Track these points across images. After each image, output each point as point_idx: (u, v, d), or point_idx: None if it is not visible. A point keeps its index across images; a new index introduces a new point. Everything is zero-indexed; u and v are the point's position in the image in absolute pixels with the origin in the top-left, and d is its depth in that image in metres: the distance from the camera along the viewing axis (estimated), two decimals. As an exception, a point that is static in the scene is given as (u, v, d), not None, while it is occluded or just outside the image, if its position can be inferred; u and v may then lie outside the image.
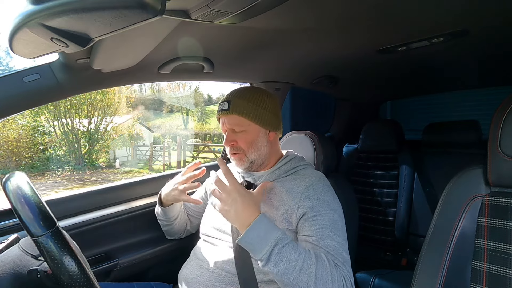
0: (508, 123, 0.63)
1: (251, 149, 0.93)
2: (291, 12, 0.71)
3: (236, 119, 0.92)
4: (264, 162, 0.97)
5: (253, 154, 0.94)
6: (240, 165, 0.96)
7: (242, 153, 0.93)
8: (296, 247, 0.72)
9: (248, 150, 0.93)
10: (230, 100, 0.93)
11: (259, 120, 0.93)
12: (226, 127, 0.95)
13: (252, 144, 0.93)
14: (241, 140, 0.93)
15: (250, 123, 0.92)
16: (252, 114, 0.92)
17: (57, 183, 10.26)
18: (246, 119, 0.92)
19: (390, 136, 1.70)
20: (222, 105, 0.94)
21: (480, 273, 0.65)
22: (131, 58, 0.89)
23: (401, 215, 1.59)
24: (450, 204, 0.73)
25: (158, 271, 1.25)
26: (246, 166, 0.95)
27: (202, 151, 14.04)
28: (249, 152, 0.93)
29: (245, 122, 0.92)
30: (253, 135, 0.93)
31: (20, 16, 0.44)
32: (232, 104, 0.92)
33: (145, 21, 0.43)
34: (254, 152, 0.94)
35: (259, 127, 0.94)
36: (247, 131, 0.93)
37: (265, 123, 0.94)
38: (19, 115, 9.21)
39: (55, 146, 11.86)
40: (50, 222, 0.56)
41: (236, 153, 0.94)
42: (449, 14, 0.76)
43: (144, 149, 14.69)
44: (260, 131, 0.94)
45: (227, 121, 0.94)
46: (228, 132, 0.95)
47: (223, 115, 0.94)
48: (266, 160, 0.97)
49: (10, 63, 14.97)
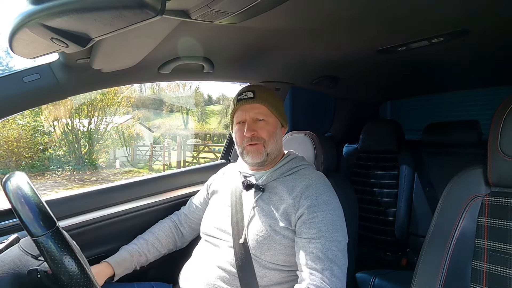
0: (508, 123, 0.64)
1: (271, 140, 0.94)
2: (291, 12, 0.71)
3: (261, 109, 0.94)
4: (275, 158, 0.97)
5: (271, 146, 0.94)
6: (256, 157, 0.94)
7: (261, 143, 0.93)
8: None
9: (268, 140, 0.94)
10: (255, 90, 0.95)
11: (279, 113, 0.97)
12: (247, 116, 0.95)
13: (272, 135, 0.94)
14: (262, 130, 0.94)
15: (271, 114, 0.95)
16: (275, 106, 0.95)
17: (57, 183, 10.25)
18: (269, 110, 0.94)
19: (390, 136, 1.70)
20: (245, 94, 0.95)
21: (480, 273, 0.65)
22: (131, 58, 0.89)
23: (401, 215, 1.59)
24: (450, 204, 0.73)
25: (158, 271, 1.25)
26: (262, 158, 0.94)
27: (202, 151, 14.02)
28: (269, 142, 0.94)
29: (268, 113, 0.95)
30: (274, 127, 0.96)
31: (20, 16, 0.44)
32: (257, 93, 0.94)
33: (145, 21, 0.43)
34: (273, 144, 0.95)
35: (277, 120, 0.97)
36: (268, 122, 0.95)
37: (282, 118, 0.99)
38: (19, 115, 9.21)
39: (55, 146, 11.86)
40: (50, 222, 0.56)
41: (255, 143, 0.93)
42: (449, 14, 0.76)
43: (144, 149, 14.68)
44: (278, 124, 0.98)
45: (251, 110, 0.94)
46: (249, 122, 0.94)
47: (247, 103, 0.95)
48: (277, 155, 0.98)
49: (10, 63, 14.97)
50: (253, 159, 0.95)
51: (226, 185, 1.05)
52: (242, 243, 0.87)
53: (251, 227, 0.89)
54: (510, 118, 0.63)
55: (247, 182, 0.95)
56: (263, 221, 0.87)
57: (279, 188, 0.91)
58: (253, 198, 0.93)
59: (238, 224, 0.91)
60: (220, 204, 1.01)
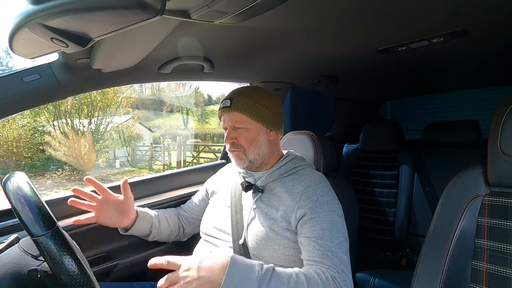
0: (508, 123, 0.64)
1: (251, 148, 0.93)
2: (291, 12, 0.71)
3: (238, 117, 0.93)
4: (263, 162, 0.97)
5: (253, 153, 0.93)
6: (238, 163, 0.96)
7: (242, 151, 0.93)
8: (282, 277, 0.67)
9: (248, 148, 0.93)
10: (232, 97, 0.93)
11: (260, 118, 0.93)
12: (227, 124, 0.95)
13: (252, 142, 0.93)
14: (241, 137, 0.93)
15: (251, 121, 0.93)
16: (254, 112, 0.92)
17: (57, 183, 10.24)
18: (247, 117, 0.92)
19: (390, 136, 1.70)
20: (224, 103, 0.95)
21: (480, 273, 0.65)
22: (131, 58, 0.89)
23: (401, 215, 1.59)
24: (450, 204, 0.73)
25: (158, 271, 1.25)
26: (245, 165, 0.95)
27: (202, 151, 14.02)
28: (249, 150, 0.93)
29: (246, 120, 0.92)
30: (254, 134, 0.93)
31: (20, 16, 0.44)
32: (234, 101, 0.92)
33: (145, 21, 0.43)
34: (254, 151, 0.93)
35: (260, 126, 0.94)
36: (248, 129, 0.93)
37: (266, 122, 0.94)
38: (19, 115, 9.21)
39: (55, 146, 11.85)
40: (50, 222, 0.56)
41: (235, 150, 0.94)
42: (449, 14, 0.76)
43: (144, 149, 14.68)
44: (261, 130, 0.94)
45: (228, 119, 0.95)
46: (229, 130, 0.95)
47: (224, 112, 0.95)
48: (266, 159, 0.97)
49: (10, 63, 14.97)
50: (237, 165, 0.97)
51: (225, 185, 1.05)
52: (242, 243, 0.87)
53: (250, 228, 0.89)
54: (510, 118, 0.63)
55: (246, 184, 0.95)
56: (262, 222, 0.87)
57: (278, 189, 0.91)
58: (253, 199, 0.93)
59: (237, 224, 0.91)
60: (220, 204, 1.01)
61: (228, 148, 0.96)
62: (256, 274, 0.64)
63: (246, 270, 0.65)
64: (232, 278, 0.63)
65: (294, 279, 0.68)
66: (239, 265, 0.65)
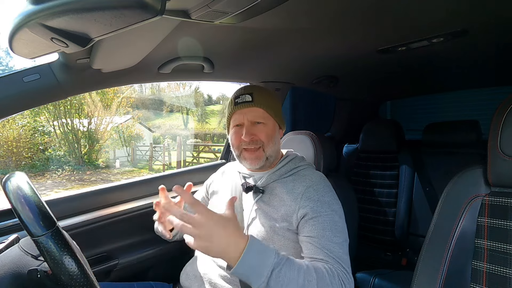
0: (508, 123, 0.64)
1: (270, 143, 0.92)
2: (291, 12, 0.71)
3: (259, 112, 0.92)
4: (274, 160, 0.96)
5: (271, 148, 0.93)
6: (255, 162, 0.92)
7: (261, 147, 0.92)
8: (294, 266, 0.67)
9: (267, 143, 0.92)
10: (253, 93, 0.92)
11: (278, 115, 0.95)
12: (245, 120, 0.92)
13: (271, 137, 0.93)
14: (261, 133, 0.92)
15: (270, 117, 0.93)
16: (274, 109, 0.94)
17: (57, 183, 10.25)
18: (268, 112, 0.92)
19: (390, 136, 1.70)
20: (243, 98, 0.92)
21: (480, 273, 0.65)
22: (131, 58, 0.89)
23: (401, 215, 1.59)
24: (450, 204, 0.73)
25: (158, 271, 1.25)
26: (261, 163, 0.93)
27: (202, 151, 14.02)
28: (268, 145, 0.92)
29: (267, 116, 0.93)
30: (272, 129, 0.94)
31: (20, 16, 0.44)
32: (255, 96, 0.92)
33: (145, 21, 0.43)
34: (272, 146, 0.93)
35: (275, 123, 0.96)
36: (266, 125, 0.93)
37: (280, 120, 0.97)
38: (19, 115, 9.21)
39: (55, 146, 11.86)
40: (50, 222, 0.56)
41: (253, 148, 0.91)
42: (449, 14, 0.76)
43: (144, 149, 14.68)
44: (276, 127, 0.96)
45: (249, 113, 0.92)
46: (247, 125, 0.92)
47: (245, 106, 0.92)
48: (276, 158, 0.97)
49: (10, 63, 14.98)
50: (252, 165, 0.94)
51: (226, 185, 1.05)
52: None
53: (251, 228, 0.89)
54: (510, 118, 0.63)
55: (246, 185, 0.95)
56: (263, 222, 0.87)
57: (278, 189, 0.91)
58: (253, 200, 0.93)
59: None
60: (220, 204, 1.01)
61: (244, 145, 0.92)
62: (272, 258, 0.65)
63: (264, 252, 0.65)
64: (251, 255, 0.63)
65: (304, 267, 0.69)
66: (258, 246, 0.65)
